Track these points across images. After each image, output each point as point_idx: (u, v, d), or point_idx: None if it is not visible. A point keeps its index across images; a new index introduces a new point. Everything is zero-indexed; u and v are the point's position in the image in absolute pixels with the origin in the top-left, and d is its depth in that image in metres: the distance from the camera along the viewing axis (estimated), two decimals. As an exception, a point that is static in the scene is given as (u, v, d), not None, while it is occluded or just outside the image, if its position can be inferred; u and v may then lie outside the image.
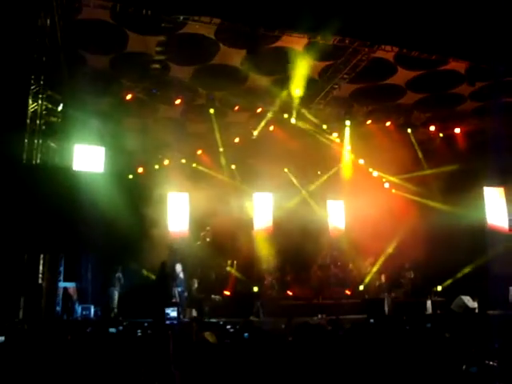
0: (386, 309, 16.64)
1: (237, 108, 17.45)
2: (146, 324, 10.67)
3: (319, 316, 15.66)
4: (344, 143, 19.27)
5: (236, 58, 14.88)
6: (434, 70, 15.62)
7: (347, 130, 18.90)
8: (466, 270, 17.51)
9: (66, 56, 14.18)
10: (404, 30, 12.88)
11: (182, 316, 14.58)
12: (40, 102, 14.08)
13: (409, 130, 19.32)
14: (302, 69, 15.20)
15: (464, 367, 4.92)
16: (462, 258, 17.19)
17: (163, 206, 18.29)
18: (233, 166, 19.65)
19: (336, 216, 20.66)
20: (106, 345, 6.09)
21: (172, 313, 7.81)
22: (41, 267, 13.62)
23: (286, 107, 17.79)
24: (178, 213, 18.62)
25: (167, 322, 7.60)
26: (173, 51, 14.32)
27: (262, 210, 19.76)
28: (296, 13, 12.15)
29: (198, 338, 6.11)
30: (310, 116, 18.05)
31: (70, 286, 15.72)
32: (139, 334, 8.81)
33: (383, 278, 18.32)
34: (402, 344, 5.91)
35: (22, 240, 10.41)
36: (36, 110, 13.90)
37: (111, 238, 11.61)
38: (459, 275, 17.71)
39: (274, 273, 18.31)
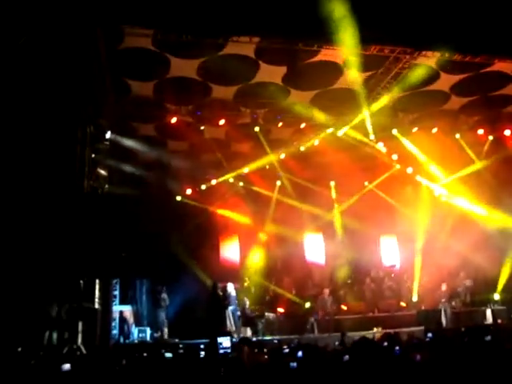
0: (444, 320, 16.20)
1: (280, 124, 17.46)
2: (201, 346, 10.70)
3: (375, 330, 15.40)
4: (390, 152, 18.99)
5: (277, 74, 14.96)
6: (479, 73, 15.26)
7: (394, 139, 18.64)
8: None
9: (112, 84, 14.58)
10: (445, 32, 12.62)
11: (235, 335, 14.62)
12: (88, 130, 14.49)
13: (457, 135, 18.85)
14: (342, 81, 15.16)
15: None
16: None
17: (214, 225, 18.48)
18: (278, 182, 19.67)
19: (389, 250, 20.39)
20: (161, 370, 6.13)
21: (225, 342, 7.73)
22: (96, 292, 13.92)
23: (330, 120, 17.73)
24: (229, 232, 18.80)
25: (221, 352, 7.55)
26: (214, 72, 14.52)
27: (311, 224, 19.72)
28: (334, 26, 12.11)
29: (250, 361, 6.08)
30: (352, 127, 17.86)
31: (126, 309, 15.99)
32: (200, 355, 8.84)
33: (444, 287, 17.83)
34: (462, 359, 5.73)
35: (77, 266, 10.68)
36: (85, 138, 14.31)
37: (163, 260, 11.81)
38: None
39: (328, 287, 18.15)
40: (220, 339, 7.75)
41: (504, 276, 17.30)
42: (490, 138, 18.99)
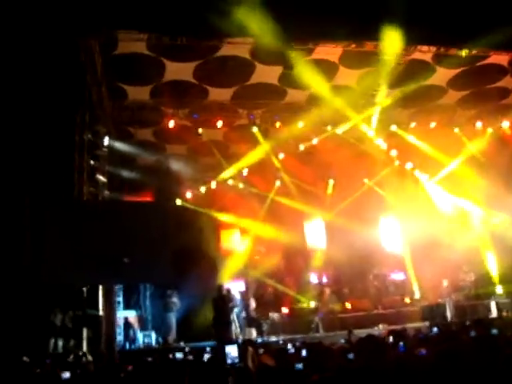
0: (449, 314, 16.19)
1: (278, 125, 17.45)
2: (208, 348, 10.69)
3: (380, 326, 15.38)
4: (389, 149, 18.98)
5: (273, 74, 14.97)
6: (475, 66, 15.25)
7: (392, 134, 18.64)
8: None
9: (108, 90, 14.60)
10: (439, 27, 12.61)
11: (241, 336, 14.62)
12: (86, 137, 14.49)
13: (456, 129, 18.83)
14: (340, 79, 15.17)
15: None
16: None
17: (215, 228, 18.49)
18: (277, 183, 19.64)
19: (389, 231, 20.32)
20: (168, 373, 6.11)
21: (233, 352, 7.65)
22: (100, 298, 13.92)
23: (328, 118, 17.74)
24: (231, 234, 18.80)
25: (229, 362, 7.50)
26: (210, 75, 14.53)
27: (313, 224, 19.72)
28: (330, 23, 12.11)
29: (255, 363, 6.06)
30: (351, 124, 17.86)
31: (131, 314, 15.99)
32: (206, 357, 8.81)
33: (446, 282, 17.84)
34: (469, 352, 5.70)
35: (80, 273, 10.67)
36: (83, 144, 14.31)
37: (166, 265, 11.79)
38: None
39: (331, 286, 18.15)
40: (227, 348, 7.68)
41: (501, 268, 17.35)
42: (490, 130, 18.95)
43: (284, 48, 13.18)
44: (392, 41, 12.93)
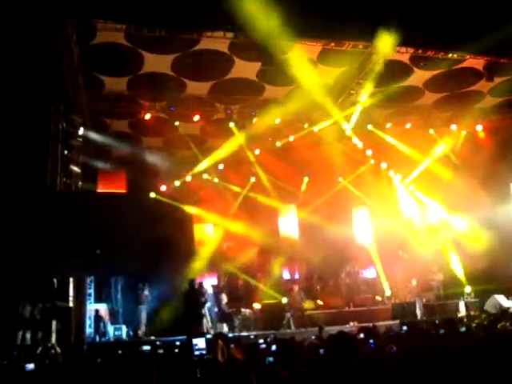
0: (419, 312, 16.42)
1: (255, 120, 17.44)
2: (177, 342, 10.63)
3: (351, 324, 15.50)
4: (364, 148, 19.16)
5: (251, 70, 14.96)
6: (452, 69, 15.45)
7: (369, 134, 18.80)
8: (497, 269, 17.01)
9: (84, 80, 14.41)
10: (418, 29, 12.74)
11: (212, 331, 14.59)
12: (61, 126, 14.27)
13: (431, 131, 19.05)
14: (317, 76, 15.20)
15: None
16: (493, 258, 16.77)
17: (189, 221, 18.39)
18: (252, 179, 19.63)
19: (361, 222, 20.46)
20: (137, 366, 6.07)
21: (200, 343, 7.61)
22: (71, 290, 13.75)
23: (305, 116, 17.83)
24: (204, 228, 18.74)
25: (196, 353, 7.47)
26: (188, 68, 14.45)
27: (287, 220, 19.73)
28: (310, 21, 12.13)
29: (224, 356, 6.05)
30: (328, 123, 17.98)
31: (102, 307, 15.84)
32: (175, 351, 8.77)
33: (414, 281, 18.11)
34: (438, 349, 5.78)
35: (50, 264, 10.53)
36: (57, 134, 14.09)
37: (138, 258, 11.71)
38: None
39: (302, 283, 18.23)
40: (195, 340, 7.65)
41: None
42: (463, 132, 19.22)
43: (264, 44, 13.15)
44: (384, 41, 13.05)
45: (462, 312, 16.41)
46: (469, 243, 17.63)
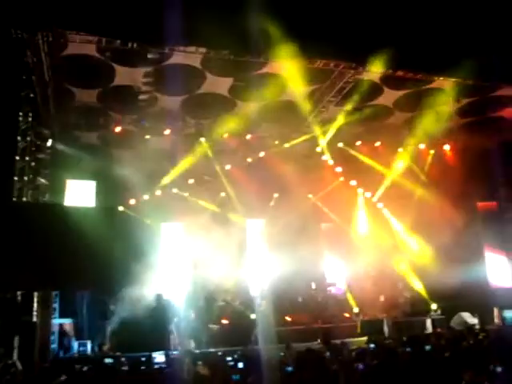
0: (386, 329, 16.51)
1: (226, 135, 17.46)
2: (142, 359, 10.48)
3: (319, 340, 15.46)
4: (334, 165, 19.34)
5: (223, 86, 15.00)
6: (420, 89, 15.75)
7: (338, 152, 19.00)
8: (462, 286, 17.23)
9: (54, 91, 14.24)
10: (389, 50, 12.97)
11: (179, 347, 14.42)
12: (29, 138, 14.09)
13: (399, 150, 19.33)
14: (289, 93, 15.35)
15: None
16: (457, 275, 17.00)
17: (156, 236, 18.23)
18: (222, 194, 19.57)
19: (330, 238, 20.57)
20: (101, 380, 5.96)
21: (159, 357, 7.60)
22: (35, 305, 13.47)
23: (276, 132, 17.94)
24: (172, 242, 18.58)
25: (156, 367, 7.42)
26: (160, 82, 14.42)
27: (255, 235, 19.73)
28: (281, 38, 12.24)
29: (191, 373, 5.99)
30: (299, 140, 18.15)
31: (67, 322, 15.53)
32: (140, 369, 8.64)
33: (382, 298, 18.24)
34: (405, 367, 5.83)
35: (15, 278, 10.32)
36: (25, 146, 13.90)
37: (105, 272, 11.54)
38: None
39: (268, 299, 18.17)
40: (154, 354, 7.59)
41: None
42: (431, 152, 19.56)
43: (236, 60, 13.24)
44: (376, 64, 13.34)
45: (429, 329, 16.58)
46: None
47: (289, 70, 14.23)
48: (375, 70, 14.13)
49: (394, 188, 19.28)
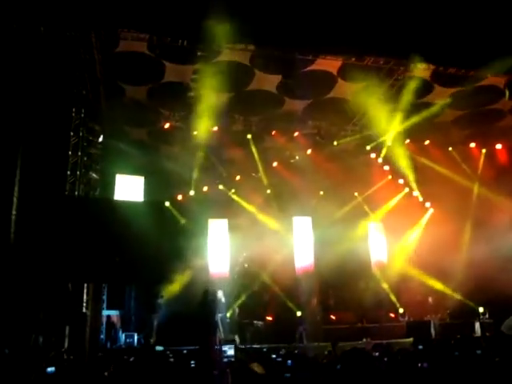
0: (433, 331, 16.23)
1: (274, 133, 17.47)
2: (184, 351, 10.61)
3: (364, 340, 15.34)
4: (383, 163, 19.12)
5: (271, 83, 15.01)
6: (473, 86, 15.39)
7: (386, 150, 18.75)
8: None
9: (106, 88, 14.55)
10: (440, 46, 12.76)
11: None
12: (81, 134, 14.42)
13: (450, 148, 18.95)
14: (335, 91, 15.27)
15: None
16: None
17: (203, 232, 18.41)
18: (268, 191, 19.54)
19: (376, 237, 20.34)
20: (149, 372, 6.07)
21: (229, 351, 7.73)
22: (85, 296, 13.81)
23: (324, 130, 17.85)
24: (217, 239, 18.70)
25: (225, 360, 7.53)
26: (209, 79, 14.52)
27: (301, 233, 19.66)
28: (330, 35, 12.20)
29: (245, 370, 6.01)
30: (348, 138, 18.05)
31: (114, 314, 15.87)
32: (192, 364, 8.73)
33: (430, 299, 17.93)
34: (453, 371, 5.73)
35: (67, 270, 10.57)
36: (77, 142, 14.24)
37: (153, 266, 11.70)
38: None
39: (317, 297, 18.08)
40: (224, 347, 7.71)
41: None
42: (483, 151, 19.10)
43: (285, 56, 13.25)
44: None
45: (478, 333, 16.20)
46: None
47: (336, 68, 14.16)
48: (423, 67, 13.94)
49: (446, 187, 18.83)
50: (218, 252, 18.47)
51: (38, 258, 10.84)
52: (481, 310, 17.27)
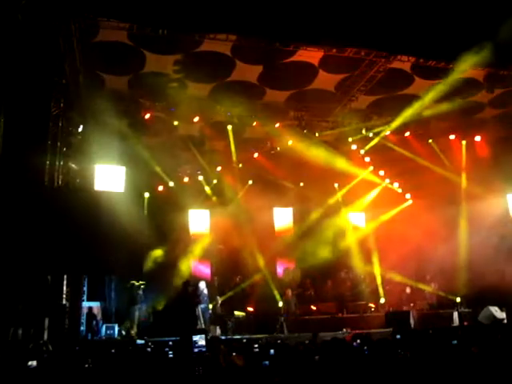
0: (412, 321, 16.40)
1: (255, 123, 17.44)
2: (170, 343, 10.61)
3: (344, 330, 15.48)
4: (363, 155, 19.20)
5: (253, 73, 14.96)
6: (451, 79, 15.46)
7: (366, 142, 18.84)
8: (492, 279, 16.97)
9: (85, 78, 14.38)
10: (420, 38, 12.80)
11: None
12: (60, 123, 14.25)
13: (430, 140, 19.08)
14: (318, 82, 15.26)
15: None
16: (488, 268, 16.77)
17: (184, 223, 18.40)
18: (250, 182, 19.58)
19: (357, 228, 20.49)
20: (129, 364, 6.05)
21: (200, 341, 7.70)
22: (64, 288, 13.70)
23: (305, 121, 17.85)
24: (198, 229, 18.69)
25: (195, 350, 7.52)
26: (190, 69, 14.45)
27: (282, 223, 19.74)
28: (311, 26, 12.18)
29: (226, 362, 6.04)
30: (328, 129, 18.07)
31: (95, 305, 15.79)
32: (170, 354, 8.72)
33: (408, 290, 18.13)
34: (430, 360, 5.80)
35: (46, 261, 10.50)
36: (56, 131, 14.06)
37: (133, 257, 11.70)
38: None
39: (296, 288, 18.19)
40: (195, 337, 7.70)
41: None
42: (463, 143, 19.26)
43: (266, 46, 13.20)
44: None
45: (456, 322, 16.41)
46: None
47: (318, 59, 14.16)
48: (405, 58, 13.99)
49: (425, 178, 18.96)
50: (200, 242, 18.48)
51: (17, 249, 10.74)
52: (458, 300, 17.52)
